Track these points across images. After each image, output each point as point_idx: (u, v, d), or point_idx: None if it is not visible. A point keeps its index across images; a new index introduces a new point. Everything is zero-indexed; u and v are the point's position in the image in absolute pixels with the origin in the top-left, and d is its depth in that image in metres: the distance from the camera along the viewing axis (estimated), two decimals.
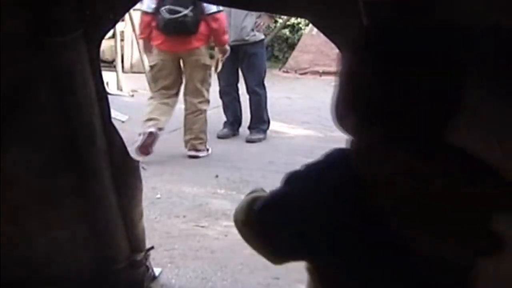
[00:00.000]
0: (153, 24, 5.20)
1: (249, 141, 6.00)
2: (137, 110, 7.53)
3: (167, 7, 5.05)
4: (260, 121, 6.14)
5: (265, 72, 6.25)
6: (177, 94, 5.38)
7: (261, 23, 6.12)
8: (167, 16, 5.07)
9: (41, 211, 2.44)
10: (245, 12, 5.80)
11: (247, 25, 5.92)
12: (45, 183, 2.41)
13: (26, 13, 2.11)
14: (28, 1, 2.09)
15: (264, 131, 6.19)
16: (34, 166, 2.38)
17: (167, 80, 5.29)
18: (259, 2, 2.00)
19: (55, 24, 2.14)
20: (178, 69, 5.35)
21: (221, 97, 6.21)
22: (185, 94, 5.43)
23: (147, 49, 5.44)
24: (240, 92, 6.25)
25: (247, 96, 6.16)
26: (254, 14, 5.99)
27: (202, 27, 5.18)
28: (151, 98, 5.36)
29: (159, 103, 5.25)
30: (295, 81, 11.75)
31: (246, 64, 6.00)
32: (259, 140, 6.03)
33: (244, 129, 6.19)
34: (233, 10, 5.65)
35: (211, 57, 5.63)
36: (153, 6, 5.16)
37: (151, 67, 5.39)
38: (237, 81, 6.18)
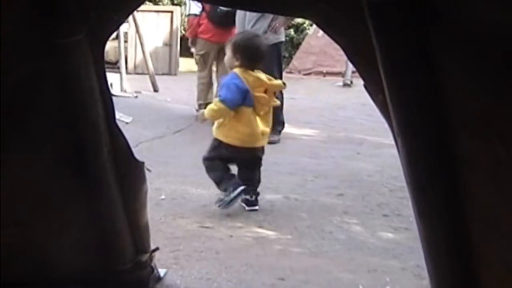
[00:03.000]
0: (202, 21, 6.67)
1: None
2: (141, 111, 7.55)
3: None
4: (275, 122, 6.10)
5: (279, 74, 6.08)
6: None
7: (276, 25, 6.03)
8: (224, 8, 6.21)
9: (46, 213, 2.45)
10: (258, 15, 5.82)
11: (259, 28, 5.89)
12: (50, 184, 2.42)
13: (30, 15, 2.12)
14: (32, 2, 2.10)
15: (279, 132, 6.14)
16: (39, 168, 2.38)
17: (212, 63, 7.00)
18: (262, 2, 1.99)
19: (59, 26, 2.14)
20: (215, 57, 6.91)
21: None
22: (219, 77, 6.68)
23: (194, 44, 6.98)
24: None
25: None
26: (268, 17, 5.95)
27: None
28: (202, 79, 7.01)
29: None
30: (299, 82, 11.74)
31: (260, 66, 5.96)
32: (274, 142, 5.80)
33: None
34: (247, 11, 5.73)
35: None
36: (200, 9, 6.61)
37: (201, 54, 6.94)
38: None
